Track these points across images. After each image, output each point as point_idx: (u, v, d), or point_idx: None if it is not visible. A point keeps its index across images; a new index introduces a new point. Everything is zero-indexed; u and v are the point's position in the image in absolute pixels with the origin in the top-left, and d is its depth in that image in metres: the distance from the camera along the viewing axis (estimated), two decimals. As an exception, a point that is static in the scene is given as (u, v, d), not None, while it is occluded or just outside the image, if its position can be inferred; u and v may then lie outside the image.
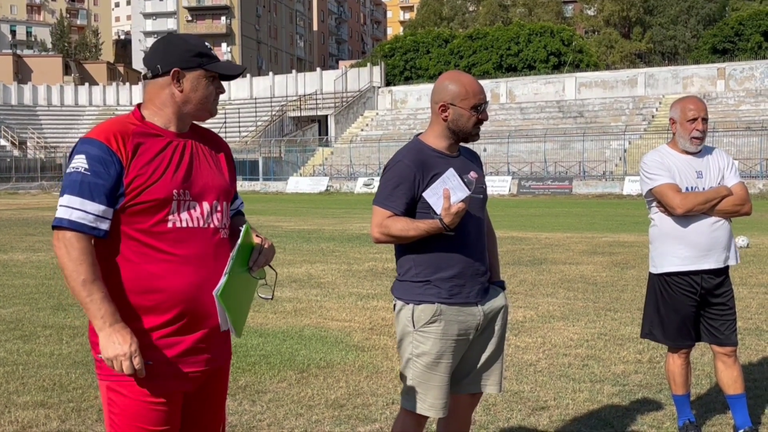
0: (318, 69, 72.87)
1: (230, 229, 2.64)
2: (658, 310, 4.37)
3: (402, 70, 67.62)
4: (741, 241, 13.95)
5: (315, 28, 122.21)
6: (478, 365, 3.33)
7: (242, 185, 56.37)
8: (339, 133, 61.12)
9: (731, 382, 4.32)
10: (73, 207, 2.36)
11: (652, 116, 49.60)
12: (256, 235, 2.60)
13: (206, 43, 2.60)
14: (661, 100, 51.42)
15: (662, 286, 4.32)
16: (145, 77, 2.56)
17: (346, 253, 13.94)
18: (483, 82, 59.40)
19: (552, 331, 7.25)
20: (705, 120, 4.22)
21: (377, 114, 62.80)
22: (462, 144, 3.33)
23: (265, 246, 2.58)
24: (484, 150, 52.27)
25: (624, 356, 6.27)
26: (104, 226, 2.40)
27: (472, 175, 3.13)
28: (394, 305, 3.30)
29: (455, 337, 3.18)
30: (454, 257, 3.16)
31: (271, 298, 2.64)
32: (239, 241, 2.45)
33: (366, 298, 9.15)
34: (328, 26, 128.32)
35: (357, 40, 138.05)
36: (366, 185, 50.89)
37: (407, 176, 3.13)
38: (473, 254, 3.21)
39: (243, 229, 2.49)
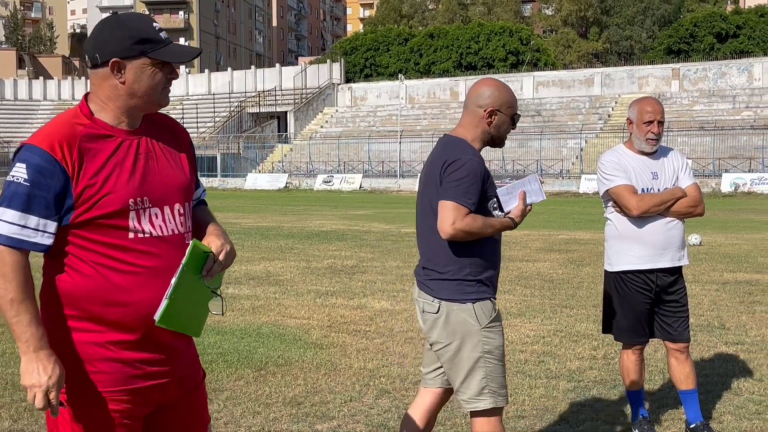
0: (277, 65, 72.45)
1: (193, 221, 2.45)
2: (613, 307, 4.44)
3: (362, 67, 67.56)
4: (694, 239, 14.20)
5: (274, 23, 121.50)
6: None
7: (200, 181, 55.86)
8: (298, 130, 60.89)
9: (683, 378, 4.40)
10: (7, 221, 2.14)
11: (608, 115, 50.24)
12: (217, 237, 2.39)
13: (154, 24, 2.32)
14: (617, 99, 52.11)
15: (618, 283, 4.39)
16: (89, 66, 2.31)
17: (305, 250, 13.90)
18: (442, 81, 59.89)
19: (508, 328, 7.30)
20: (661, 122, 4.29)
21: (337, 111, 62.68)
22: None
23: (223, 252, 2.35)
24: (444, 148, 52.45)
25: (579, 352, 6.35)
26: (46, 240, 2.19)
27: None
28: (438, 308, 3.22)
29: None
30: (496, 257, 3.31)
31: (222, 314, 2.50)
32: (184, 260, 2.24)
33: (325, 296, 9.13)
34: (288, 22, 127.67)
35: (317, 36, 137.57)
36: (325, 182, 50.77)
37: (480, 174, 3.18)
38: (500, 252, 3.38)
39: (190, 245, 2.26)
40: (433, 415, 3.54)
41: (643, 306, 4.34)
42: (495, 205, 3.25)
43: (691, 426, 4.38)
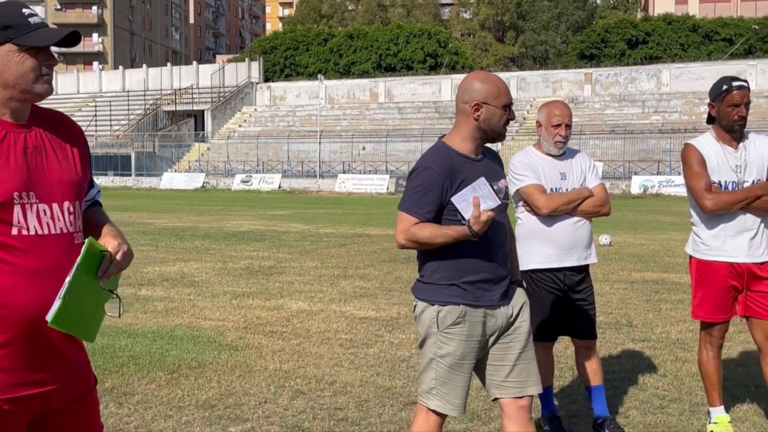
0: (194, 63, 71.26)
1: (86, 222, 2.36)
2: (523, 306, 4.53)
3: (281, 66, 67.13)
4: (604, 239, 14.61)
5: (191, 20, 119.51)
6: (512, 366, 3.24)
7: (113, 181, 54.56)
8: (216, 129, 60.10)
9: (591, 374, 4.52)
10: None
11: (524, 118, 51.21)
12: (113, 237, 2.32)
13: (23, 9, 2.21)
14: (532, 102, 53.19)
15: (527, 282, 4.48)
16: None
17: (222, 251, 13.72)
18: (362, 82, 59.96)
19: (425, 328, 7.36)
20: (569, 126, 4.41)
21: (255, 110, 62.11)
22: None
23: (120, 252, 2.27)
24: (363, 149, 52.67)
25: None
26: None
27: (503, 183, 3.11)
28: (415, 306, 3.26)
29: (478, 338, 3.17)
30: (479, 263, 3.15)
31: (119, 316, 2.41)
32: (79, 259, 2.15)
33: (241, 297, 9.04)
34: (205, 19, 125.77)
35: (235, 34, 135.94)
36: (244, 182, 50.23)
37: (436, 183, 3.09)
38: (497, 259, 3.20)
39: (85, 244, 2.18)
40: (523, 421, 3.25)
41: (551, 304, 4.44)
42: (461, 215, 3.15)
43: (598, 421, 4.51)
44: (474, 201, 3.03)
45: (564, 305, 4.48)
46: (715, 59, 54.08)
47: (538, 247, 4.40)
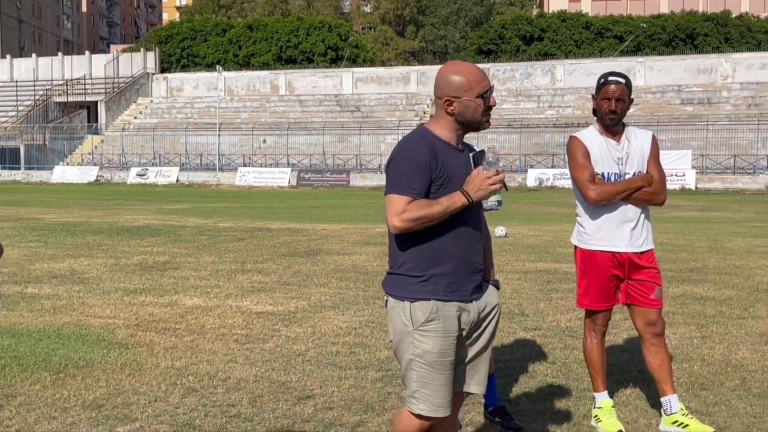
0: (87, 52, 68.85)
1: None
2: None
3: (179, 57, 65.68)
4: (500, 231, 14.93)
5: (84, 9, 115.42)
6: (465, 363, 3.19)
7: (1, 174, 52.27)
8: (110, 121, 58.31)
9: (483, 363, 4.60)
10: None
11: (424, 112, 51.79)
12: None
13: None
14: (432, 97, 53.76)
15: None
16: None
17: (115, 247, 13.32)
18: (262, 74, 59.32)
19: (322, 321, 7.36)
20: None
21: (152, 101, 60.61)
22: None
23: None
24: (264, 142, 52.16)
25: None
26: None
27: (492, 150, 3.00)
28: (386, 301, 3.12)
29: (455, 333, 3.07)
30: (451, 251, 3.05)
31: None
32: None
33: (133, 293, 8.80)
34: (99, 8, 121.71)
35: (130, 23, 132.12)
36: (140, 175, 48.98)
37: (422, 161, 2.98)
38: (470, 249, 3.10)
39: None
40: (451, 418, 3.26)
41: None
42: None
43: (489, 409, 4.60)
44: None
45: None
46: (607, 56, 55.99)
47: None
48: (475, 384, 3.24)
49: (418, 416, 3.09)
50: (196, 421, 4.54)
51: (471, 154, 3.08)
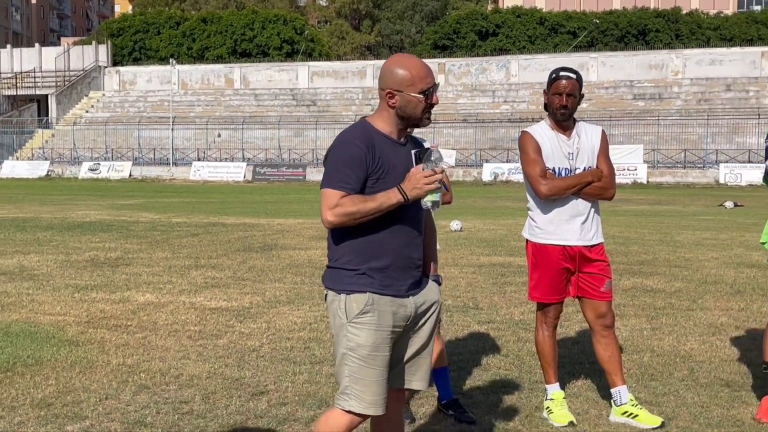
0: (37, 45, 67.48)
1: None
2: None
3: (131, 50, 64.73)
4: (455, 225, 15.01)
5: (34, 0, 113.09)
6: (405, 359, 3.14)
7: (-53, 169, 51.10)
8: (61, 115, 57.26)
9: (435, 357, 4.61)
10: None
11: (380, 106, 51.80)
12: None
13: None
14: (389, 91, 53.78)
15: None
16: None
17: (66, 243, 13.10)
18: (217, 67, 58.76)
19: (277, 316, 7.33)
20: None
21: (104, 95, 59.68)
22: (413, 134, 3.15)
23: None
24: (219, 136, 51.70)
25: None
26: None
27: (434, 147, 2.90)
28: (326, 296, 3.09)
29: (390, 328, 3.01)
30: (389, 249, 3.00)
31: None
32: None
33: (84, 290, 8.66)
34: (49, 0, 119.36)
35: (81, 16, 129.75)
36: (91, 170, 48.24)
37: (357, 155, 2.93)
38: (408, 244, 3.06)
39: None
40: (395, 416, 3.26)
41: (396, 290, 4.50)
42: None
43: (442, 402, 4.62)
44: (418, 170, 2.90)
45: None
46: (560, 51, 56.56)
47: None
48: (417, 380, 3.20)
49: (349, 413, 3.02)
50: (147, 419, 4.49)
51: (413, 151, 3.01)
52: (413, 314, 3.10)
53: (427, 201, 2.95)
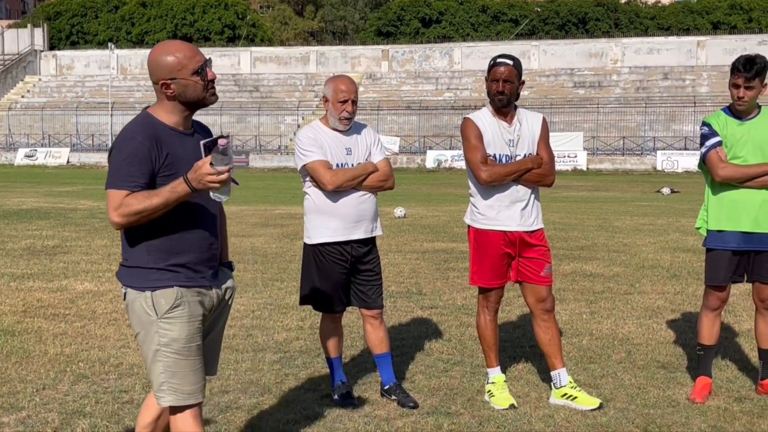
0: (-31, 27, 65.40)
1: None
2: (312, 279, 4.58)
3: (68, 34, 63.17)
4: (399, 212, 15.07)
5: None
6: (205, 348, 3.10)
7: None
8: (-5, 100, 55.63)
9: (378, 343, 4.65)
10: None
11: (324, 94, 51.58)
12: None
13: None
14: (332, 77, 53.58)
15: (316, 256, 4.53)
16: None
17: (0, 231, 12.76)
18: (157, 52, 57.53)
19: (219, 304, 7.25)
20: (354, 102, 4.47)
21: (40, 80, 58.17)
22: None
23: None
24: (159, 122, 50.83)
25: (287, 324, 6.48)
26: None
27: (222, 142, 2.78)
28: (125, 294, 3.00)
29: (200, 317, 2.99)
30: (189, 244, 2.97)
31: None
32: None
33: (20, 279, 8.46)
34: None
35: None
36: (28, 156, 47.04)
37: (141, 152, 2.84)
38: (207, 239, 3.03)
39: None
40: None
41: (339, 276, 4.51)
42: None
43: (385, 387, 4.65)
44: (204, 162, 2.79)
45: (352, 277, 4.57)
46: (503, 39, 56.99)
47: (326, 222, 4.47)
48: (210, 369, 3.18)
49: (181, 408, 2.98)
50: (86, 408, 4.41)
51: (201, 142, 2.85)
52: (216, 304, 3.11)
53: (217, 194, 2.87)
